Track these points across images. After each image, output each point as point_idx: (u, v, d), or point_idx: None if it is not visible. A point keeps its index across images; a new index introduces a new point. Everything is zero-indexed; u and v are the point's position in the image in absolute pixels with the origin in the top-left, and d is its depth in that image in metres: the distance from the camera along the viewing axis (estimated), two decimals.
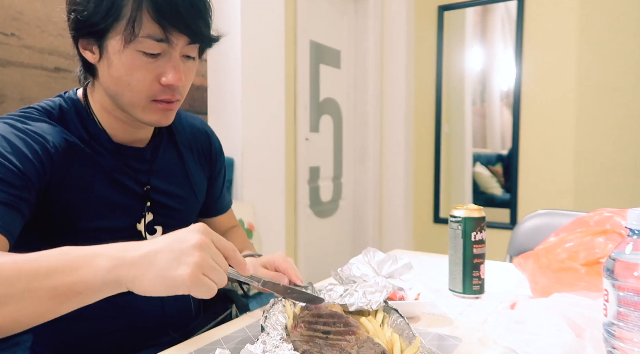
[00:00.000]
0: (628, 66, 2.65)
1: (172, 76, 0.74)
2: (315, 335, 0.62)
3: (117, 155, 0.82)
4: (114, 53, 0.72)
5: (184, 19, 0.71)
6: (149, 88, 0.74)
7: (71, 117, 0.79)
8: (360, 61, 3.17)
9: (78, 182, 0.76)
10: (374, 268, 0.90)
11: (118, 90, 0.75)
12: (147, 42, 0.71)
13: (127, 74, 0.73)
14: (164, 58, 0.73)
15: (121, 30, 0.70)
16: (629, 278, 0.54)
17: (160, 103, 0.76)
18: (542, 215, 1.45)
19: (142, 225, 0.84)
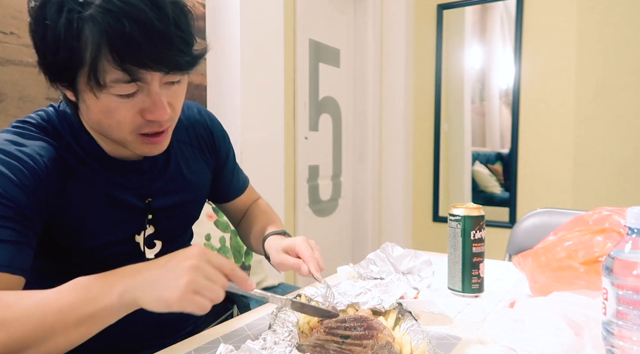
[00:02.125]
0: (627, 65, 2.65)
1: (155, 112, 0.68)
2: (332, 340, 0.61)
3: (115, 170, 0.79)
4: (89, 98, 0.66)
5: (152, 56, 0.63)
6: (132, 124, 0.69)
7: (65, 132, 0.76)
8: (360, 60, 3.17)
9: (75, 200, 0.75)
10: (393, 264, 0.90)
11: (102, 130, 0.72)
12: (117, 86, 0.64)
13: (107, 117, 0.68)
14: (142, 93, 0.67)
15: (85, 79, 0.64)
16: (628, 277, 0.54)
17: (148, 137, 0.72)
18: (541, 214, 1.45)
19: (142, 237, 0.83)
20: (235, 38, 2.02)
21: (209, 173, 0.97)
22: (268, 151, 2.22)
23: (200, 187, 0.94)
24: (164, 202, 0.85)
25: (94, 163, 0.77)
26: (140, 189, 0.82)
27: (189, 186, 0.91)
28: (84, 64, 0.63)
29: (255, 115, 2.12)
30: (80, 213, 0.75)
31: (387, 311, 0.72)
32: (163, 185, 0.86)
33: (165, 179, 0.86)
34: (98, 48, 0.61)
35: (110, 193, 0.78)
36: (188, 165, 0.91)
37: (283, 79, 2.29)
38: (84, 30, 0.61)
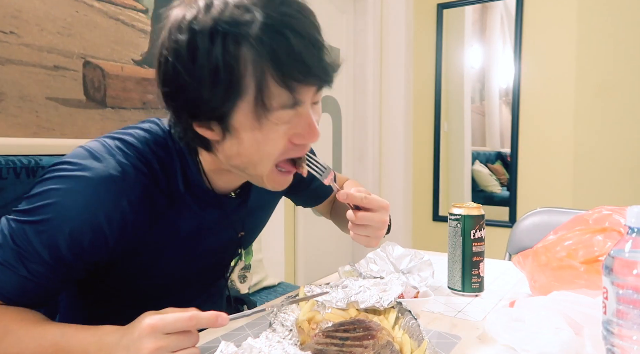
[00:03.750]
0: (627, 64, 2.65)
1: (308, 135, 0.64)
2: (331, 343, 0.60)
3: (214, 205, 0.75)
4: (243, 131, 0.61)
5: (310, 68, 0.59)
6: (280, 154, 0.65)
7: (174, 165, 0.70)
8: (360, 59, 3.17)
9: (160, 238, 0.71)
10: (393, 263, 0.90)
11: (247, 166, 0.66)
12: (280, 113, 0.60)
13: (258, 151, 0.63)
14: (295, 117, 0.63)
15: (245, 107, 0.59)
16: (628, 276, 0.54)
17: (284, 170, 0.68)
18: (541, 213, 1.45)
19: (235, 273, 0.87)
20: None
21: (282, 193, 0.94)
22: None
23: (274, 205, 0.96)
24: (252, 230, 0.86)
25: (191, 198, 0.72)
26: (235, 223, 0.80)
27: (268, 207, 0.92)
28: (246, 92, 0.58)
29: None
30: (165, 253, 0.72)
31: (387, 310, 0.72)
32: (253, 216, 0.85)
33: (255, 210, 0.86)
34: (262, 68, 0.57)
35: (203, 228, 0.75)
36: (272, 194, 0.87)
37: None
38: (243, 53, 0.56)
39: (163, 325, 0.54)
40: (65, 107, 1.45)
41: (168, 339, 0.54)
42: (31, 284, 0.63)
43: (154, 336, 0.54)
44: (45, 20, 1.44)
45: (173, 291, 0.80)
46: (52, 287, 0.66)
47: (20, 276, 0.62)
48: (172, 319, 0.54)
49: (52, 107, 1.44)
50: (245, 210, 0.81)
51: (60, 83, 1.47)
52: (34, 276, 0.63)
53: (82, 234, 0.62)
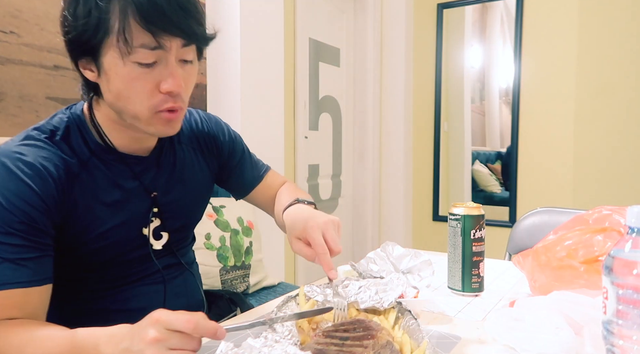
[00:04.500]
0: (627, 64, 2.65)
1: (170, 82, 0.73)
2: (331, 343, 0.60)
3: (122, 164, 0.83)
4: (110, 68, 0.72)
5: (173, 20, 0.70)
6: (149, 99, 0.74)
7: (74, 134, 0.80)
8: (360, 59, 3.17)
9: (82, 202, 0.78)
10: (393, 263, 0.90)
11: (120, 105, 0.76)
12: (141, 52, 0.70)
13: (126, 88, 0.73)
14: (160, 65, 0.73)
15: (113, 45, 0.70)
16: (628, 276, 0.54)
17: (164, 113, 0.76)
18: (541, 213, 1.45)
19: (148, 230, 0.86)
20: (235, 37, 2.02)
21: (210, 176, 1.00)
22: (268, 150, 2.22)
23: (202, 188, 0.98)
24: (168, 197, 0.89)
25: (99, 162, 0.80)
26: (146, 183, 0.86)
27: (191, 184, 0.94)
28: (111, 30, 0.69)
29: (255, 114, 2.12)
30: (87, 215, 0.78)
31: (387, 310, 0.72)
32: (168, 181, 0.89)
33: (170, 175, 0.90)
34: (125, 13, 0.68)
35: (118, 183, 0.82)
36: (192, 166, 0.95)
37: (283, 78, 2.29)
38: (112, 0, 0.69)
39: (166, 321, 0.56)
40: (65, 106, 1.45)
41: (169, 335, 0.56)
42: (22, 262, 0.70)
43: (156, 328, 0.56)
44: (45, 20, 1.44)
45: (110, 262, 0.83)
46: (40, 256, 0.72)
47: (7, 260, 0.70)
48: (175, 317, 0.56)
49: (52, 107, 1.44)
50: (156, 171, 0.87)
51: (60, 83, 1.47)
52: (18, 254, 0.70)
53: (16, 197, 0.70)
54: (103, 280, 0.85)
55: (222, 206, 1.74)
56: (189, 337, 0.57)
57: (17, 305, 0.70)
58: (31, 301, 0.71)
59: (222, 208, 1.73)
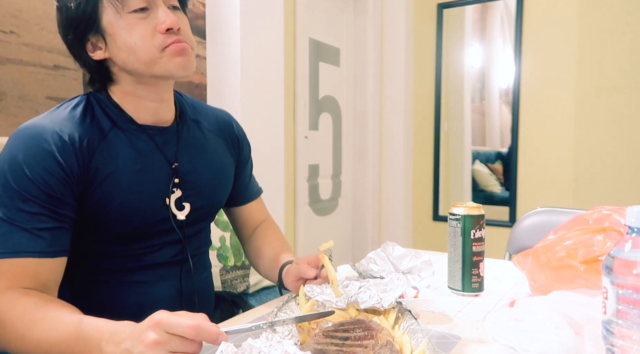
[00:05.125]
0: (627, 64, 2.65)
1: (166, 19, 0.79)
2: (331, 342, 0.60)
3: (143, 134, 0.85)
4: (112, 28, 0.79)
5: None
6: (152, 40, 0.79)
7: (96, 108, 0.84)
8: (360, 59, 3.17)
9: (104, 169, 0.80)
10: (393, 263, 0.89)
11: (131, 57, 0.80)
12: (132, 1, 0.78)
13: (130, 36, 0.78)
14: (152, 11, 0.80)
15: (105, 5, 0.78)
16: (628, 276, 0.54)
17: (172, 46, 0.80)
18: (541, 213, 1.45)
19: (170, 201, 0.86)
20: (235, 37, 2.02)
21: (232, 164, 1.02)
22: (268, 150, 2.22)
23: (225, 171, 0.99)
24: (190, 171, 0.90)
25: (121, 132, 0.83)
26: (167, 153, 0.87)
27: (214, 165, 0.95)
28: None
29: (255, 114, 2.12)
30: (110, 184, 0.80)
31: (387, 310, 0.72)
32: (189, 155, 0.91)
33: (192, 150, 0.92)
34: None
35: (138, 157, 0.83)
36: (215, 148, 0.97)
37: (283, 78, 2.29)
38: None
39: (167, 324, 0.56)
40: None
41: (169, 338, 0.56)
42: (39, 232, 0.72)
43: (156, 331, 0.56)
44: (45, 20, 1.44)
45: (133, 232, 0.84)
46: (58, 227, 0.74)
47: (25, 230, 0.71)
48: (177, 321, 0.56)
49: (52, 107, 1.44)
50: (177, 144, 0.89)
51: (60, 82, 1.47)
52: (35, 224, 0.72)
53: (35, 165, 0.73)
54: (124, 256, 0.85)
55: None
56: (189, 340, 0.56)
57: (31, 275, 0.71)
58: (44, 272, 0.73)
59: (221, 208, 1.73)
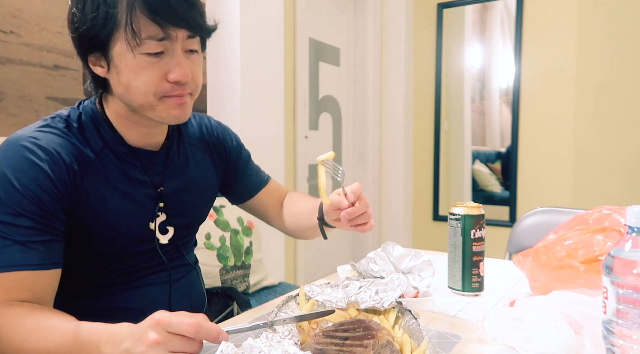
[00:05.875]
0: (627, 63, 2.65)
1: (178, 72, 0.76)
2: (331, 342, 0.60)
3: (132, 158, 0.85)
4: (119, 61, 0.75)
5: (178, 12, 0.73)
6: (157, 87, 0.76)
7: (88, 126, 0.82)
8: (360, 59, 3.17)
9: (93, 191, 0.80)
10: (393, 263, 0.90)
11: (129, 96, 0.78)
12: (148, 43, 0.73)
13: (136, 78, 0.75)
14: (167, 56, 0.76)
15: (121, 37, 0.73)
16: (628, 276, 0.54)
17: (172, 98, 0.78)
18: (541, 213, 1.45)
19: (155, 224, 0.87)
20: (235, 37, 2.02)
21: (216, 179, 1.02)
22: (268, 150, 2.22)
23: (208, 188, 1.00)
24: (175, 193, 0.91)
25: (112, 154, 0.83)
26: (154, 177, 0.88)
27: (198, 183, 0.96)
28: (119, 23, 0.72)
29: (255, 114, 2.12)
30: (98, 204, 0.80)
31: (387, 310, 0.72)
32: (175, 177, 0.91)
33: (177, 172, 0.92)
34: (133, 6, 0.71)
35: (126, 181, 0.84)
36: (198, 166, 0.97)
37: (283, 78, 2.29)
38: None
39: (167, 323, 0.56)
40: (65, 106, 1.45)
41: (169, 337, 0.56)
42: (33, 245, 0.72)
43: (156, 330, 0.56)
44: (45, 20, 1.44)
45: (120, 252, 0.85)
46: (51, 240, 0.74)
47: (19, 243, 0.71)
48: (177, 320, 0.56)
49: (52, 107, 1.44)
50: (164, 167, 0.89)
51: (60, 82, 1.47)
52: (29, 237, 0.72)
53: (28, 181, 0.72)
54: (110, 275, 0.86)
55: (222, 206, 1.74)
56: (190, 340, 0.56)
57: (27, 287, 0.71)
58: (40, 284, 0.72)
59: (222, 208, 1.74)
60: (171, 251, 0.92)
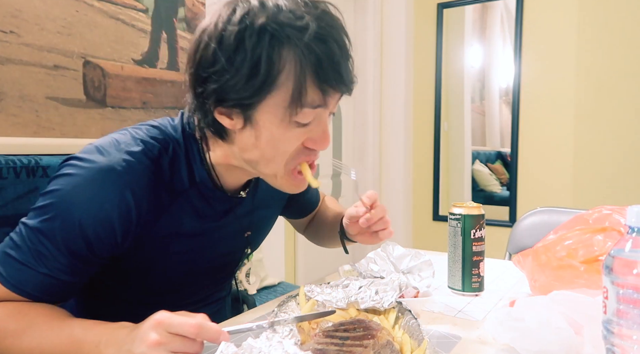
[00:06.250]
0: (628, 63, 2.65)
1: (321, 141, 0.69)
2: (331, 342, 0.60)
3: (219, 201, 0.77)
4: (264, 125, 0.66)
5: (344, 77, 0.65)
6: (292, 155, 0.69)
7: (180, 163, 0.72)
8: (360, 59, 3.17)
9: (168, 226, 0.73)
10: (393, 263, 0.90)
11: (259, 160, 0.69)
12: (305, 112, 0.65)
13: (275, 147, 0.67)
14: (314, 123, 0.68)
15: (277, 103, 0.64)
16: (628, 276, 0.54)
17: (298, 173, 0.72)
18: (541, 213, 1.45)
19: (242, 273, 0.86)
20: None
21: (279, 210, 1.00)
22: None
23: (274, 219, 0.98)
24: (259, 235, 0.87)
25: (199, 194, 0.74)
26: (244, 222, 0.81)
27: (270, 218, 0.94)
28: (279, 89, 0.63)
29: None
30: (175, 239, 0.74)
31: (387, 310, 0.72)
32: (259, 217, 0.87)
33: (260, 211, 0.87)
34: (303, 70, 0.62)
35: (215, 217, 0.77)
36: (271, 203, 0.92)
37: None
38: (285, 53, 0.62)
39: (169, 324, 0.56)
40: (65, 106, 1.45)
41: (171, 338, 0.55)
42: (51, 280, 0.67)
43: (157, 331, 0.55)
44: (45, 20, 1.44)
45: (179, 290, 0.82)
46: (70, 282, 0.69)
47: (40, 274, 0.66)
48: (178, 321, 0.56)
49: (52, 107, 1.44)
50: (251, 209, 0.84)
51: (60, 82, 1.47)
52: (53, 273, 0.66)
53: (90, 226, 0.65)
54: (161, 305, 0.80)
55: None
56: (191, 340, 0.56)
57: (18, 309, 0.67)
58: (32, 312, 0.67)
59: None
60: None
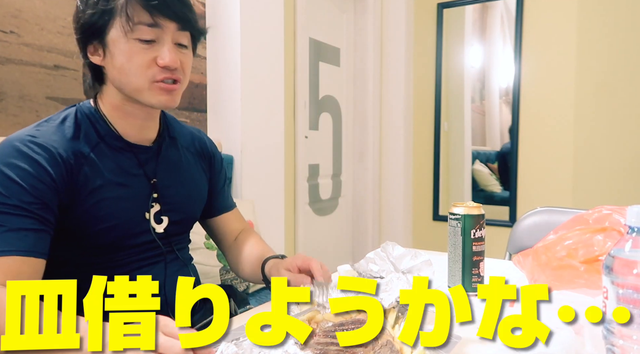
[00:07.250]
0: (627, 63, 2.65)
1: (166, 57, 0.82)
2: (331, 342, 0.60)
3: (127, 152, 0.89)
4: (114, 46, 0.82)
5: (169, 5, 0.82)
6: (147, 70, 0.83)
7: (84, 122, 0.87)
8: (360, 59, 3.17)
9: (89, 185, 0.83)
10: (393, 263, 0.89)
11: (122, 79, 0.84)
12: (140, 29, 0.81)
13: (128, 61, 0.82)
14: (158, 44, 0.83)
15: (117, 24, 0.81)
16: (628, 276, 0.54)
17: (162, 83, 0.84)
18: (541, 213, 1.45)
19: (150, 214, 0.90)
20: (235, 37, 2.02)
21: (205, 182, 1.06)
22: (268, 150, 2.22)
23: (199, 188, 1.03)
24: (168, 187, 0.94)
25: (107, 148, 0.87)
26: (147, 170, 0.92)
27: (190, 181, 1.00)
28: (115, 12, 0.80)
29: (256, 114, 2.12)
30: (94, 197, 0.84)
31: (387, 310, 0.71)
32: (168, 172, 0.95)
33: (170, 167, 0.96)
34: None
35: (121, 173, 0.88)
36: (190, 166, 1.01)
37: (283, 78, 2.29)
38: None
39: (163, 325, 0.57)
40: (65, 106, 1.45)
41: None
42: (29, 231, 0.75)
43: None
44: (45, 20, 1.44)
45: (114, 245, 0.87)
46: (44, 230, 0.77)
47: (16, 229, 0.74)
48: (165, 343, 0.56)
49: (52, 107, 1.44)
50: (157, 161, 0.94)
51: (60, 82, 1.47)
52: (25, 223, 0.74)
53: (25, 174, 0.76)
54: (105, 267, 0.87)
55: None
56: None
57: (12, 273, 0.72)
58: (25, 271, 0.74)
59: None
60: (166, 245, 0.94)
